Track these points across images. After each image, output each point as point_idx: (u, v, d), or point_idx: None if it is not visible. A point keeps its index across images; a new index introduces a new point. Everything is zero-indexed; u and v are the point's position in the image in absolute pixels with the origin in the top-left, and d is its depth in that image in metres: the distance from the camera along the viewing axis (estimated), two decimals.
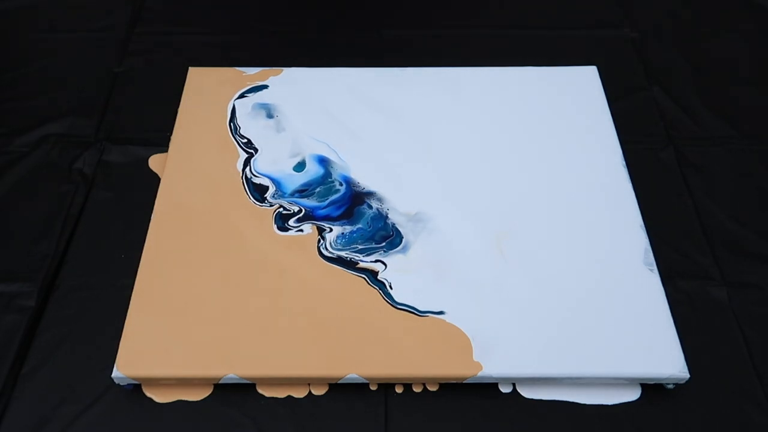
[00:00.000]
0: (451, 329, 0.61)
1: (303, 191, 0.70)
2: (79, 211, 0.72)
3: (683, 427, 0.59)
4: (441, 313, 0.62)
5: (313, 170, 0.72)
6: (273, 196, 0.70)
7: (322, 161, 0.72)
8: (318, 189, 0.70)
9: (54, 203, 0.72)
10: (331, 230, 0.67)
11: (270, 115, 0.77)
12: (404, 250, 0.66)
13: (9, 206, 0.72)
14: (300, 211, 0.69)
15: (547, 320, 0.61)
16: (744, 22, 0.93)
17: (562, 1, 0.95)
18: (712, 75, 0.86)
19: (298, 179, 0.71)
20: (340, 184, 0.71)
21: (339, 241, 0.67)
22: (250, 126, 0.76)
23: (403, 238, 0.67)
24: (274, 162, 0.73)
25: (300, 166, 0.72)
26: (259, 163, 0.73)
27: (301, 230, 0.67)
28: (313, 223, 0.68)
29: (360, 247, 0.66)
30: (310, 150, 0.73)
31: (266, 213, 0.69)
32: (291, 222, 0.68)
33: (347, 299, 0.63)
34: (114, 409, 0.60)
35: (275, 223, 0.68)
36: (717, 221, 0.72)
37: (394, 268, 0.65)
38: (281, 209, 0.69)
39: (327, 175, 0.71)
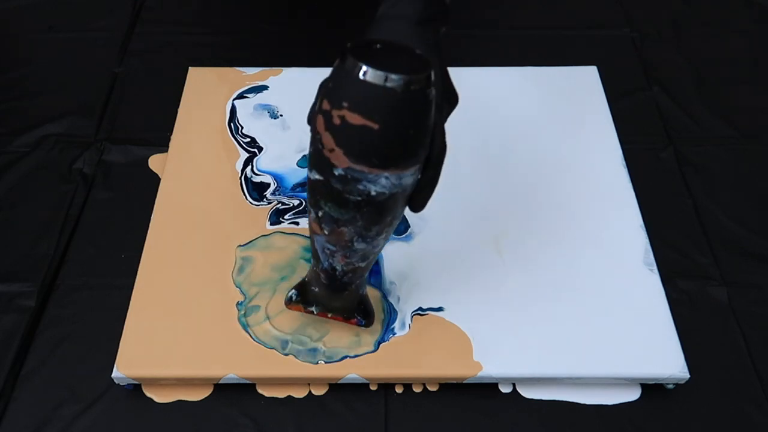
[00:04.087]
0: (451, 329, 0.61)
1: (306, 184, 0.70)
2: (79, 211, 0.72)
3: (683, 427, 0.59)
4: (440, 309, 0.62)
5: None
6: (273, 194, 0.70)
7: None
8: None
9: (54, 203, 0.72)
10: None
11: (274, 115, 0.77)
12: (408, 238, 0.66)
13: (9, 206, 0.72)
14: (300, 203, 0.69)
15: (547, 320, 0.61)
16: (744, 22, 0.93)
17: (562, 1, 0.95)
18: (712, 75, 0.86)
19: (302, 173, 0.71)
20: None
21: None
22: (255, 125, 0.76)
23: (409, 226, 0.67)
24: (280, 158, 0.73)
25: (306, 160, 0.72)
26: (262, 161, 0.73)
27: (296, 223, 0.67)
28: None
29: None
30: None
31: (264, 212, 0.69)
32: (285, 216, 0.68)
33: None
34: (114, 409, 0.59)
35: (269, 219, 0.68)
36: (717, 221, 0.72)
37: (393, 253, 0.65)
38: (279, 205, 0.69)
39: None
